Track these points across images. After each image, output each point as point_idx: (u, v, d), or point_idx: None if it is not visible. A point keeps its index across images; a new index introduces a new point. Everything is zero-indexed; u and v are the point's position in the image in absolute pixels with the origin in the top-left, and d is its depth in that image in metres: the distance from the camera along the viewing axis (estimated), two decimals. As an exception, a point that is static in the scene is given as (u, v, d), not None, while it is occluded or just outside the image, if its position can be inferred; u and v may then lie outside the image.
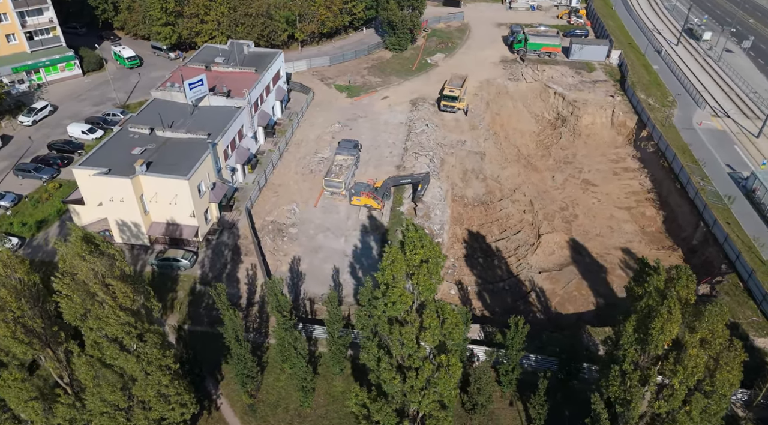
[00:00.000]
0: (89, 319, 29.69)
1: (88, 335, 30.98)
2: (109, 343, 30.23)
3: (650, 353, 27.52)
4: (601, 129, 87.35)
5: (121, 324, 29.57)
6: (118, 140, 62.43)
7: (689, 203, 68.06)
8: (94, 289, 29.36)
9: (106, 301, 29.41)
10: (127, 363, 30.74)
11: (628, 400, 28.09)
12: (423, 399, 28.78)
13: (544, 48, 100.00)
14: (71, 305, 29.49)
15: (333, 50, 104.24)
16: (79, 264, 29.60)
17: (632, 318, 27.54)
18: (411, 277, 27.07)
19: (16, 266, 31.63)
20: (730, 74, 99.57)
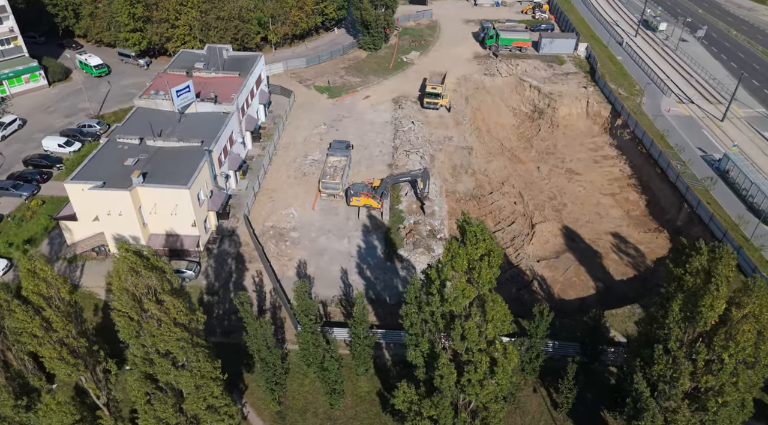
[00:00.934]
0: (143, 336, 28.94)
1: (135, 352, 30.15)
2: (161, 359, 29.52)
3: (696, 330, 29.15)
4: (578, 119, 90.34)
5: (177, 340, 28.93)
6: (108, 152, 60.44)
7: (671, 187, 71.38)
8: (149, 305, 28.64)
9: (161, 317, 28.71)
10: (179, 377, 30.10)
11: (675, 377, 29.64)
12: (481, 391, 29.50)
13: (515, 43, 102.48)
14: (129, 324, 28.63)
15: (307, 51, 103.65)
16: (135, 280, 28.80)
17: (678, 298, 29.08)
18: (471, 271, 27.69)
19: (60, 285, 30.46)
20: (689, 62, 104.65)
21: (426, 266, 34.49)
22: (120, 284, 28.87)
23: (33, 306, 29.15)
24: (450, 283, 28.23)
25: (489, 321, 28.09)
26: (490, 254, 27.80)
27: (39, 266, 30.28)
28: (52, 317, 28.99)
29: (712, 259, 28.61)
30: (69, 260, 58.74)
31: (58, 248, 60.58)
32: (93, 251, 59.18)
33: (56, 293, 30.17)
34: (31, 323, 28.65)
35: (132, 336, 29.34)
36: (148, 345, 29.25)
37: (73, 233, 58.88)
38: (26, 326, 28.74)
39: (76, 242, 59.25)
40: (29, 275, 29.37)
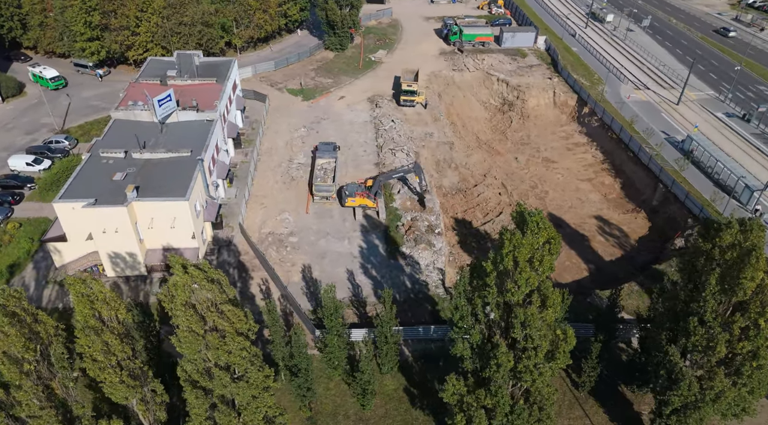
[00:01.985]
0: (205, 350, 28.23)
1: (188, 368, 29.36)
2: (221, 371, 28.90)
3: (732, 300, 31.38)
4: (546, 110, 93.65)
5: (241, 349, 28.39)
6: (92, 168, 57.96)
7: (644, 169, 75.36)
8: (211, 317, 27.95)
9: (225, 328, 28.07)
10: (237, 389, 29.57)
11: (712, 346, 31.81)
12: (539, 377, 30.65)
13: (479, 38, 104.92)
14: (196, 339, 27.83)
15: (274, 54, 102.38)
16: (198, 293, 28.04)
17: (716, 272, 31.22)
18: (532, 259, 28.70)
19: (118, 306, 29.24)
20: (638, 51, 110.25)
21: (473, 260, 35.22)
22: (182, 300, 28.04)
23: (92, 330, 27.87)
24: (510, 273, 29.10)
25: (549, 307, 29.27)
26: (551, 242, 28.95)
27: (97, 288, 29.02)
28: (111, 341, 27.83)
29: (743, 231, 30.90)
30: (60, 283, 56.00)
31: (45, 272, 57.68)
32: (85, 271, 56.67)
33: (113, 314, 29.00)
34: (93, 347, 27.42)
35: (195, 351, 28.55)
36: (210, 358, 28.58)
37: (63, 254, 56.21)
38: (88, 351, 27.49)
39: (66, 263, 56.62)
40: (84, 299, 28.09)
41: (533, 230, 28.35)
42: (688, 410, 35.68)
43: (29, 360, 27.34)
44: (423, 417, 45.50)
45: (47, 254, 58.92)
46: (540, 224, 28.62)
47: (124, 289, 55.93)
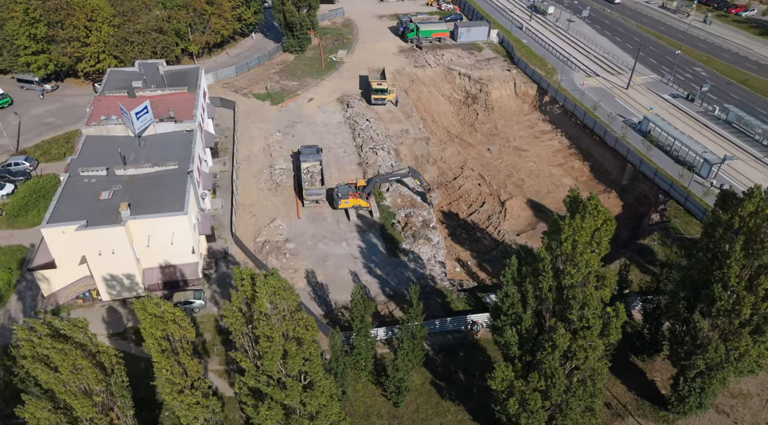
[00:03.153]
0: (288, 359, 27.61)
1: (262, 380, 28.60)
2: (294, 381, 28.41)
3: (756, 264, 34.18)
4: (509, 100, 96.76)
5: (316, 357, 27.96)
6: (74, 188, 54.82)
7: (611, 151, 79.56)
8: (289, 326, 27.38)
9: (302, 336, 27.60)
10: (309, 398, 29.22)
11: (737, 309, 34.53)
12: (593, 354, 32.22)
13: (435, 34, 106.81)
14: (277, 349, 27.05)
15: (232, 59, 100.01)
16: (276, 303, 27.38)
17: (740, 239, 33.86)
18: (590, 242, 30.03)
19: (187, 326, 28.03)
20: (582, 40, 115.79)
21: (518, 248, 36.31)
22: (261, 311, 27.33)
23: (169, 351, 26.66)
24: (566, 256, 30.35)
25: (606, 286, 30.83)
26: (607, 223, 30.43)
27: (167, 309, 27.74)
28: (187, 362, 26.72)
29: (764, 200, 33.70)
30: (52, 312, 52.74)
31: (32, 302, 54.17)
32: (78, 298, 53.68)
33: (183, 336, 27.87)
34: (171, 369, 26.24)
35: (275, 361, 27.86)
36: (289, 368, 28.02)
37: (52, 282, 52.96)
38: (165, 374, 26.27)
39: (55, 292, 53.39)
40: (156, 320, 26.81)
41: (592, 213, 29.74)
42: (712, 371, 38.53)
43: (98, 392, 25.93)
44: (454, 408, 46.41)
45: (31, 284, 55.44)
46: (598, 206, 30.07)
47: (122, 313, 53.45)
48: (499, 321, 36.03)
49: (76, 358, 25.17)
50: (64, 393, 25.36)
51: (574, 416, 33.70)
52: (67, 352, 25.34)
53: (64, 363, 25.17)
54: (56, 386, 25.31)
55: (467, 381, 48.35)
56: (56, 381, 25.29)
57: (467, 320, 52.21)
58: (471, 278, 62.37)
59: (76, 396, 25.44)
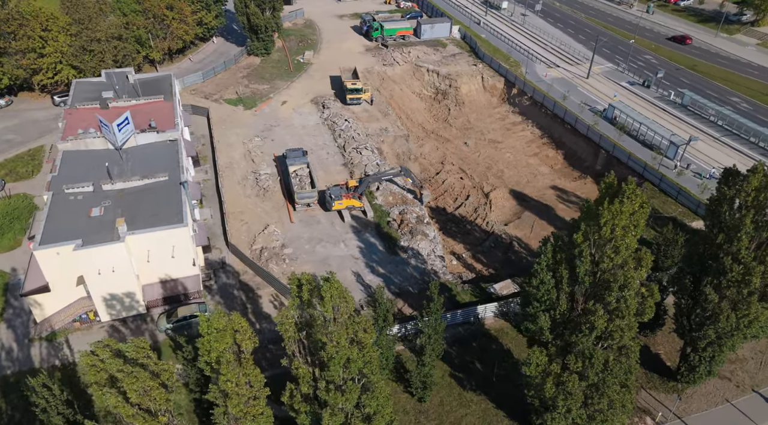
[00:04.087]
0: (351, 363, 27.44)
1: (305, 388, 28.34)
2: (355, 384, 28.27)
3: (764, 236, 36.67)
4: (478, 95, 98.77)
5: (377, 358, 27.94)
6: (61, 207, 52.20)
7: (584, 138, 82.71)
8: (353, 328, 27.20)
9: (363, 338, 27.49)
10: (370, 400, 29.17)
11: (747, 280, 36.94)
12: (627, 333, 33.72)
13: (399, 32, 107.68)
14: (344, 352, 26.70)
15: (196, 65, 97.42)
16: (341, 307, 27.12)
17: (750, 213, 36.20)
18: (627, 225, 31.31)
19: (250, 336, 27.24)
20: (538, 32, 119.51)
21: (550, 236, 37.33)
22: (326, 316, 27.01)
23: (235, 363, 25.88)
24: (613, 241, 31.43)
25: (643, 267, 32.31)
26: (642, 206, 31.79)
27: (236, 320, 26.89)
28: (251, 374, 26.05)
29: (766, 175, 36.20)
30: (47, 338, 50.14)
31: (24, 330, 51.25)
32: (75, 321, 51.24)
33: (248, 345, 27.17)
34: (237, 380, 25.49)
35: (340, 366, 27.59)
36: (350, 372, 27.91)
37: (45, 307, 50.32)
38: (230, 386, 25.51)
39: (49, 317, 50.76)
40: (224, 333, 25.99)
41: (631, 197, 31.05)
42: (721, 339, 41.04)
43: (162, 412, 25.04)
44: (476, 398, 47.28)
45: (20, 311, 52.57)
46: (636, 191, 31.39)
47: (124, 332, 51.40)
48: (531, 307, 37.04)
49: (146, 379, 24.25)
50: (133, 417, 24.40)
51: (611, 393, 35.15)
52: (137, 375, 24.36)
53: (134, 386, 24.22)
54: (124, 409, 24.31)
55: (485, 370, 49.38)
56: (124, 404, 24.27)
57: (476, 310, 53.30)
58: (468, 270, 63.50)
59: (145, 419, 24.50)
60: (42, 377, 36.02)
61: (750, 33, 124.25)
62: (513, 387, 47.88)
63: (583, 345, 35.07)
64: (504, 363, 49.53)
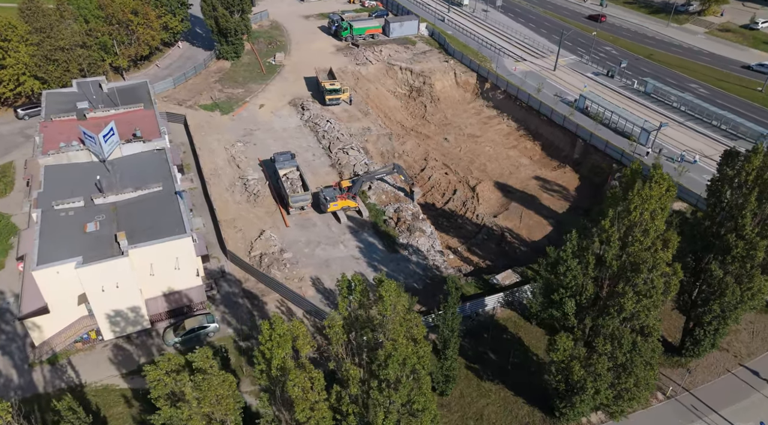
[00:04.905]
0: (407, 360, 27.53)
1: (354, 390, 28.35)
2: (407, 380, 28.48)
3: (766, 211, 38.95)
4: (452, 91, 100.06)
5: (427, 354, 28.21)
6: (53, 224, 49.94)
7: (560, 129, 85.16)
8: (409, 325, 27.33)
9: (417, 335, 27.64)
10: (419, 396, 29.45)
11: (751, 254, 39.14)
12: (653, 312, 35.19)
13: (368, 31, 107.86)
14: (403, 350, 26.72)
15: (164, 71, 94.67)
16: (398, 305, 27.15)
17: (755, 192, 38.33)
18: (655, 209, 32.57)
19: (309, 341, 26.81)
20: (501, 28, 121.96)
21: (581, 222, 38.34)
22: (385, 315, 26.96)
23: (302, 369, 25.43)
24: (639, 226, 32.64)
25: (670, 249, 33.72)
26: (669, 189, 33.12)
27: (296, 326, 26.39)
28: (316, 377, 25.62)
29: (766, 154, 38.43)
30: (49, 361, 47.96)
31: (21, 355, 48.85)
32: (76, 342, 49.20)
33: (308, 350, 26.80)
34: (303, 385, 25.07)
35: (398, 363, 27.59)
36: (405, 368, 28.07)
37: (44, 329, 48.13)
38: (297, 392, 25.08)
39: (48, 339, 48.56)
40: (285, 338, 25.51)
41: (659, 181, 32.32)
42: (725, 312, 43.35)
43: (229, 422, 24.46)
44: (495, 387, 48.16)
45: (13, 335, 50.18)
46: (663, 175, 32.69)
47: (129, 349, 49.73)
48: (556, 294, 38.11)
49: (217, 388, 23.64)
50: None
51: (638, 372, 36.62)
52: (210, 384, 23.67)
53: (207, 396, 23.55)
54: (198, 422, 23.63)
55: (499, 360, 50.37)
56: (196, 415, 23.59)
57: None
58: (466, 264, 64.53)
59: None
60: (67, 400, 34.75)
61: (698, 22, 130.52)
62: (528, 374, 49.15)
63: (612, 327, 36.37)
64: (516, 352, 50.67)
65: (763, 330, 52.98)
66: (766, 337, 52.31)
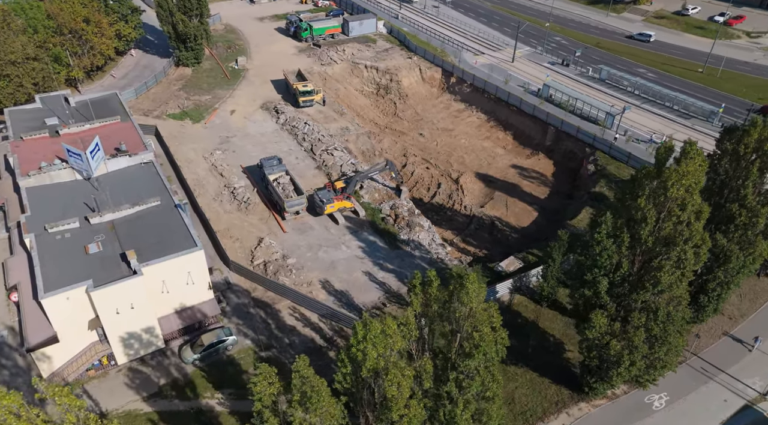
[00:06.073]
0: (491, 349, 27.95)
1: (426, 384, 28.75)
2: (484, 370, 29.00)
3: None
4: (418, 86, 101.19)
5: (504, 341, 28.79)
6: (51, 248, 46.97)
7: (530, 118, 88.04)
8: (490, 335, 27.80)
9: (495, 324, 28.10)
10: (492, 383, 30.08)
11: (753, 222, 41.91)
12: (684, 282, 37.37)
13: (328, 31, 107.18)
14: (490, 338, 27.00)
15: (120, 82, 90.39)
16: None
17: (756, 162, 41.34)
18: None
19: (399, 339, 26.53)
20: (455, 23, 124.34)
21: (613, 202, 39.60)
22: (470, 306, 27.17)
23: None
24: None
25: (701, 220, 35.77)
26: (702, 164, 34.92)
27: (389, 324, 25.88)
28: (409, 375, 25.47)
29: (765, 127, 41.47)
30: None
31: (30, 389, 45.48)
32: (88, 370, 46.53)
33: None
34: (400, 382, 24.90)
35: (482, 353, 27.94)
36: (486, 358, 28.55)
37: (53, 359, 45.24)
38: (393, 391, 24.85)
39: (57, 370, 45.67)
40: (382, 338, 25.19)
41: (695, 158, 34.15)
42: (730, 277, 46.60)
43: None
44: (519, 371, 49.29)
45: (17, 370, 46.93)
46: (698, 151, 34.51)
47: (146, 371, 47.56)
48: (589, 274, 39.70)
49: (327, 396, 23.08)
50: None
51: (671, 340, 38.82)
52: (321, 389, 23.02)
53: (319, 404, 22.99)
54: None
55: (518, 344, 51.70)
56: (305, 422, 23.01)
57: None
58: (464, 254, 65.76)
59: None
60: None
61: (634, 11, 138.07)
62: (548, 354, 50.89)
63: (647, 300, 38.31)
64: (532, 334, 52.29)
65: (748, 292, 57.16)
66: (753, 298, 56.49)
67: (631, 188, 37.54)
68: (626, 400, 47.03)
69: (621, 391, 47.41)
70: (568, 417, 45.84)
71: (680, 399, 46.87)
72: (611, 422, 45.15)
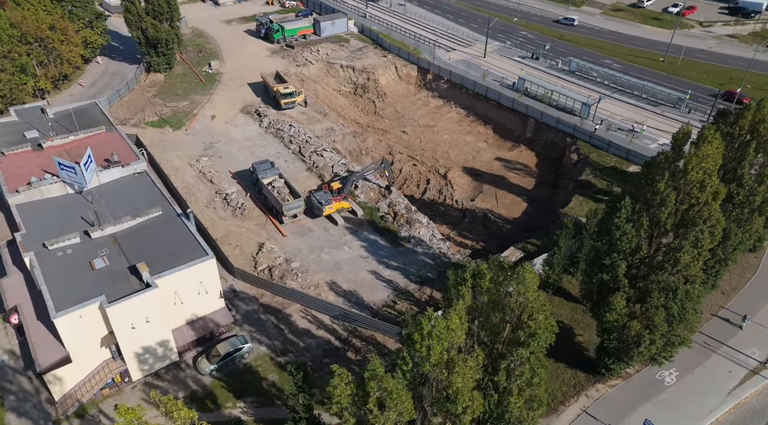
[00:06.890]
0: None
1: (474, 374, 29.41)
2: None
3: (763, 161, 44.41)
4: (395, 84, 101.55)
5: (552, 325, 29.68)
6: (54, 266, 44.98)
7: (510, 111, 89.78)
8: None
9: (546, 308, 28.72)
10: (536, 363, 31.02)
11: (750, 200, 44.36)
12: (700, 261, 39.01)
13: (300, 31, 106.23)
14: (550, 322, 27.52)
15: (89, 90, 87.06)
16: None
17: (753, 143, 43.49)
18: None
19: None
20: (423, 20, 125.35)
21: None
22: (527, 295, 27.64)
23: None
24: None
25: (718, 200, 37.35)
26: (718, 147, 36.31)
27: (453, 318, 25.83)
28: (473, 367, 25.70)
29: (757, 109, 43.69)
30: (77, 414, 43.32)
31: (41, 413, 43.65)
32: (103, 390, 44.83)
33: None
34: (465, 374, 25.26)
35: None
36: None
37: (65, 380, 43.48)
38: (459, 383, 25.04)
39: (70, 391, 43.89)
40: (445, 333, 25.27)
41: (711, 141, 35.60)
42: (728, 254, 48.97)
43: None
44: (534, 357, 50.58)
45: (24, 394, 44.83)
46: (716, 134, 35.95)
47: (162, 386, 46.20)
48: (608, 259, 40.96)
49: (403, 397, 22.99)
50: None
51: (689, 317, 40.51)
52: (401, 393, 22.91)
53: (400, 400, 22.92)
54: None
55: (530, 331, 52.88)
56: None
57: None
58: (462, 248, 66.61)
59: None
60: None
61: (592, 4, 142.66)
62: (560, 339, 51.65)
63: (666, 280, 39.85)
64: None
65: (735, 267, 60.08)
66: (740, 273, 59.43)
67: (647, 173, 38.90)
68: (639, 378, 48.78)
69: (633, 370, 49.13)
70: (587, 398, 47.19)
71: (689, 374, 48.95)
72: (629, 400, 46.76)
